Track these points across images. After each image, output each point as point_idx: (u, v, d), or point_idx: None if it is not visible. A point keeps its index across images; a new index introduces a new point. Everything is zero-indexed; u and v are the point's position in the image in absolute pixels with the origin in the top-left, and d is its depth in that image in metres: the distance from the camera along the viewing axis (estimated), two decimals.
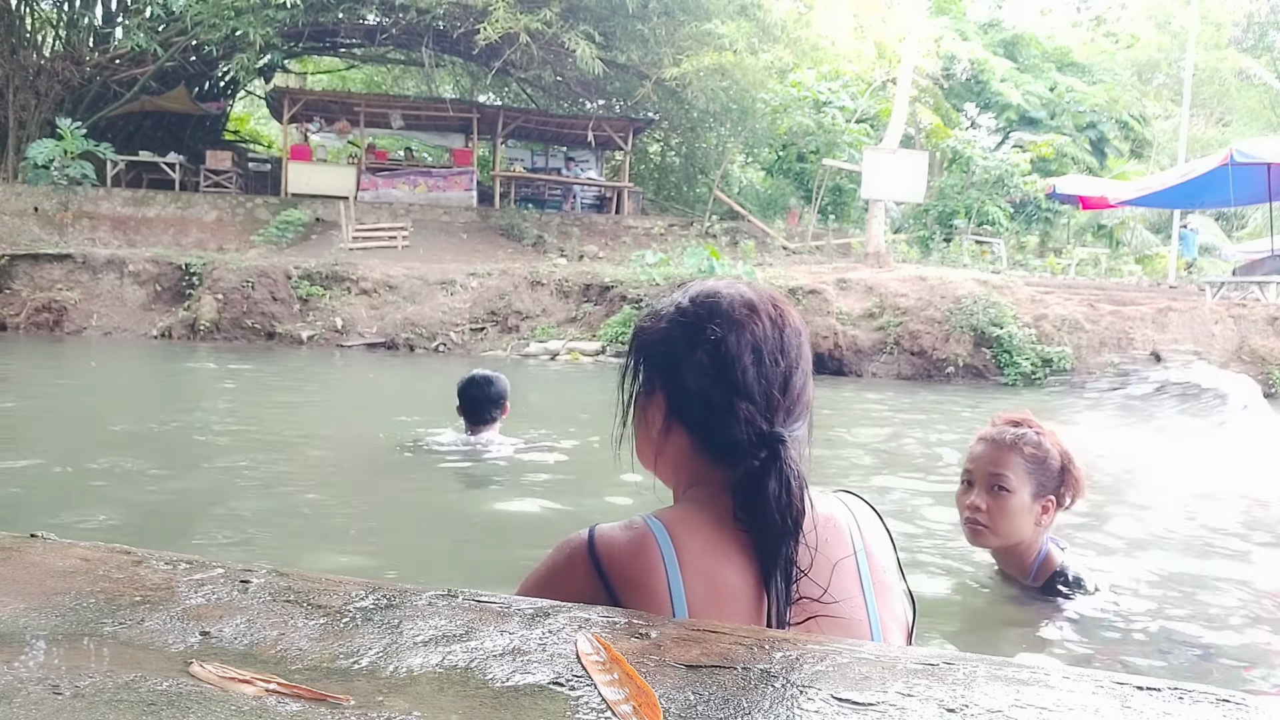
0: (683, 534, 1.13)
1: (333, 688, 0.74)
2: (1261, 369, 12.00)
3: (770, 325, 1.21)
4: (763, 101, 20.29)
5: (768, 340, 1.20)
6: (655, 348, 1.25)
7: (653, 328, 1.27)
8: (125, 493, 3.69)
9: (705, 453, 1.20)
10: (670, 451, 1.24)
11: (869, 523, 1.28)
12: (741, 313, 1.21)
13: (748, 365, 1.18)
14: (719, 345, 1.18)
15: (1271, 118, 28.12)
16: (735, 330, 1.19)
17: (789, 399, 1.20)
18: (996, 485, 2.29)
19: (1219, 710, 0.76)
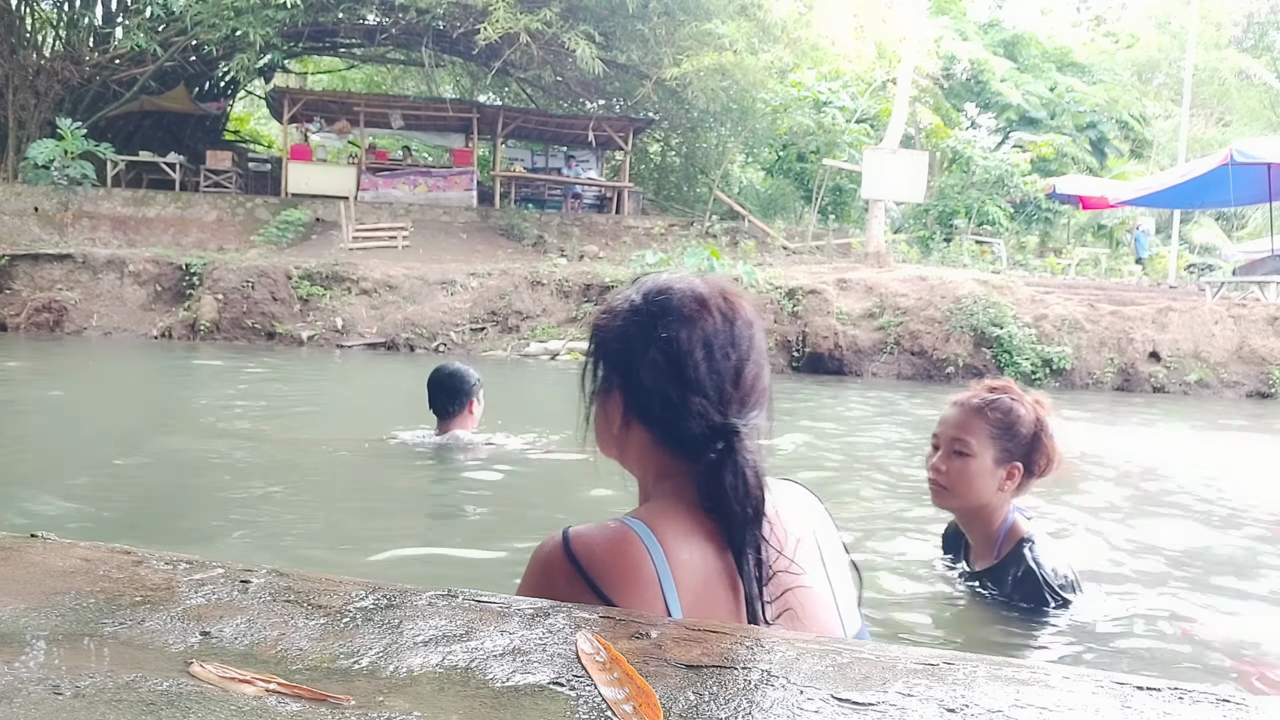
0: (663, 527, 1.15)
1: (333, 688, 0.74)
2: (1261, 369, 12.00)
3: (720, 319, 1.23)
4: (763, 101, 20.28)
5: (718, 334, 1.22)
6: (611, 346, 1.28)
7: (609, 325, 1.29)
8: (125, 492, 3.69)
9: (665, 446, 1.23)
10: (632, 446, 1.28)
11: (816, 506, 1.34)
12: (692, 308, 1.23)
13: (699, 360, 1.20)
14: (671, 342, 1.21)
15: (1271, 118, 28.12)
16: (686, 326, 1.21)
17: (741, 391, 1.23)
18: (957, 449, 2.31)
19: (1219, 710, 0.76)
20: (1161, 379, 12.07)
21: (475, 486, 3.85)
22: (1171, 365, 12.15)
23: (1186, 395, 11.79)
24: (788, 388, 10.67)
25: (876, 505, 4.09)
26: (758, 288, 13.25)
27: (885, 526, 3.61)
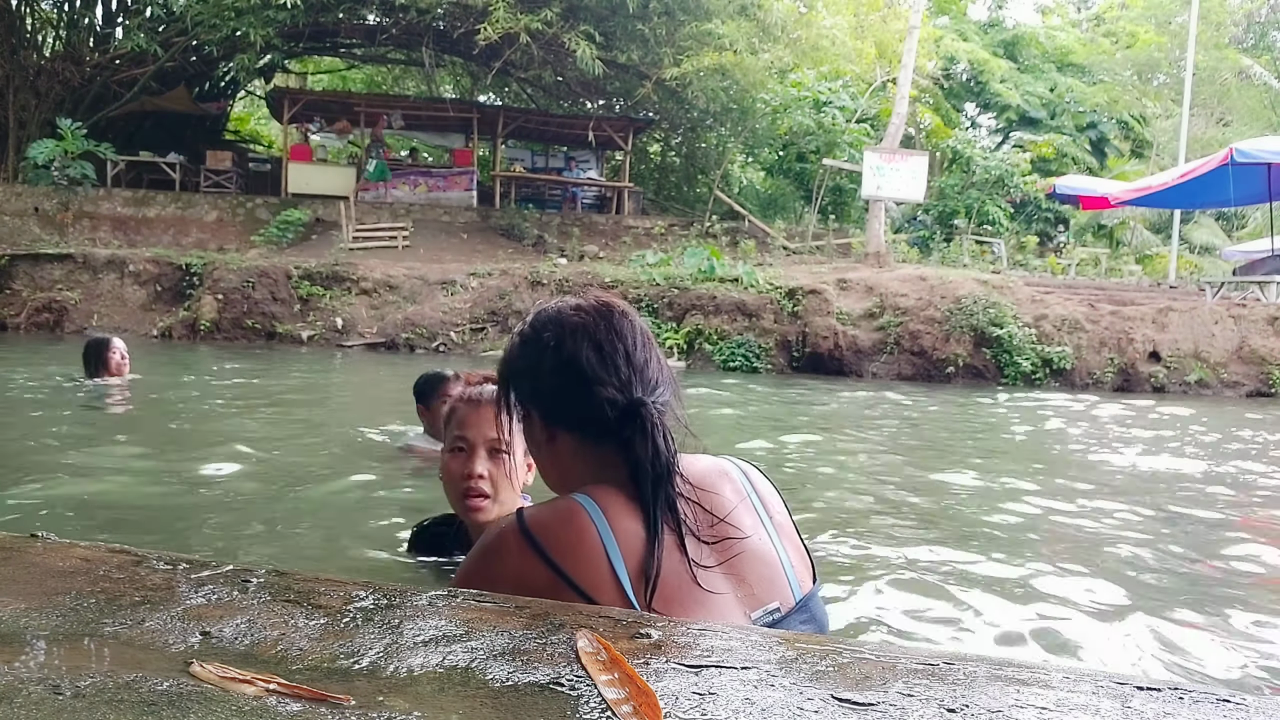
0: (604, 500, 1.26)
1: (333, 688, 0.74)
2: (1261, 369, 12.00)
3: (597, 317, 1.37)
4: (763, 101, 20.28)
5: (599, 329, 1.35)
6: (514, 374, 1.42)
7: (509, 361, 1.44)
8: (125, 493, 3.69)
9: (590, 441, 1.35)
10: (563, 454, 1.39)
11: (758, 478, 1.43)
12: (570, 316, 1.38)
13: (590, 354, 1.34)
14: (559, 348, 1.35)
15: (1271, 118, 28.10)
16: (570, 333, 1.36)
17: (636, 370, 1.35)
18: (494, 449, 2.05)
19: (1219, 710, 0.76)
20: (1162, 379, 12.07)
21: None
22: (1172, 365, 12.14)
23: (1187, 395, 11.78)
24: (788, 388, 10.67)
25: (871, 505, 4.09)
26: (758, 288, 13.25)
27: (882, 526, 3.61)
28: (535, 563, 1.21)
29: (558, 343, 1.35)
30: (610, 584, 1.20)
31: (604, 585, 1.19)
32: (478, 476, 2.03)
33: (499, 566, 1.23)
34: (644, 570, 1.21)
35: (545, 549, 1.21)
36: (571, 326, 1.36)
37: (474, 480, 2.03)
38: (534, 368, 1.38)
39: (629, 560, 1.21)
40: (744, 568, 1.28)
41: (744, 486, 1.38)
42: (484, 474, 2.03)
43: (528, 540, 1.22)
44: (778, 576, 1.31)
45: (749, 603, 1.26)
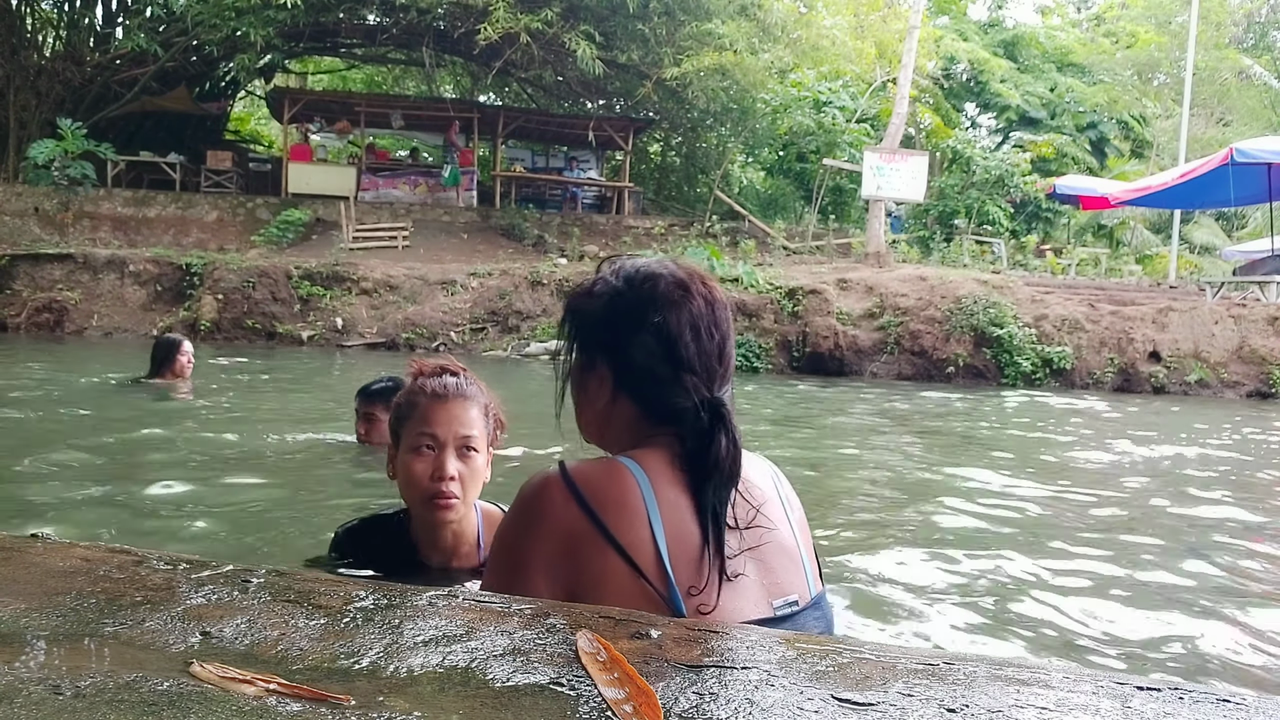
0: (651, 468, 1.24)
1: (333, 688, 0.74)
2: (1261, 369, 11.99)
3: (704, 303, 1.33)
4: (763, 101, 20.28)
5: (703, 317, 1.32)
6: (596, 328, 1.36)
7: (589, 308, 1.37)
8: (125, 492, 3.69)
9: (651, 418, 1.32)
10: (617, 419, 1.35)
11: (779, 475, 1.44)
12: (677, 294, 1.32)
13: (689, 341, 1.30)
14: (662, 326, 1.30)
15: (1271, 118, 28.10)
16: (674, 311, 1.31)
17: (724, 367, 1.34)
18: (465, 447, 1.93)
19: (1219, 710, 0.76)
20: (1162, 379, 12.07)
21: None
22: (1172, 365, 12.14)
23: (1187, 395, 11.78)
24: (787, 388, 10.67)
25: (872, 505, 4.09)
26: (758, 288, 13.25)
27: (881, 526, 3.61)
28: (577, 513, 1.19)
29: (662, 320, 1.30)
30: (650, 548, 1.18)
31: (643, 548, 1.18)
32: (449, 478, 1.90)
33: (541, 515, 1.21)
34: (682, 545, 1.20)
35: (588, 500, 1.19)
36: (678, 305, 1.31)
37: (447, 482, 1.90)
38: (626, 335, 1.31)
39: (669, 529, 1.20)
40: (769, 556, 1.28)
41: (775, 483, 1.39)
42: (455, 475, 1.90)
43: (570, 489, 1.20)
44: (798, 570, 1.32)
45: (772, 590, 1.27)
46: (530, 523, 1.22)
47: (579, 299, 1.40)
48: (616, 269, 1.39)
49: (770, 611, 1.25)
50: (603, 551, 1.17)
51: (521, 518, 1.24)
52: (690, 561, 1.20)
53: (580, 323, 1.38)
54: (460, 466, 1.92)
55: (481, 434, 1.97)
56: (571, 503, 1.19)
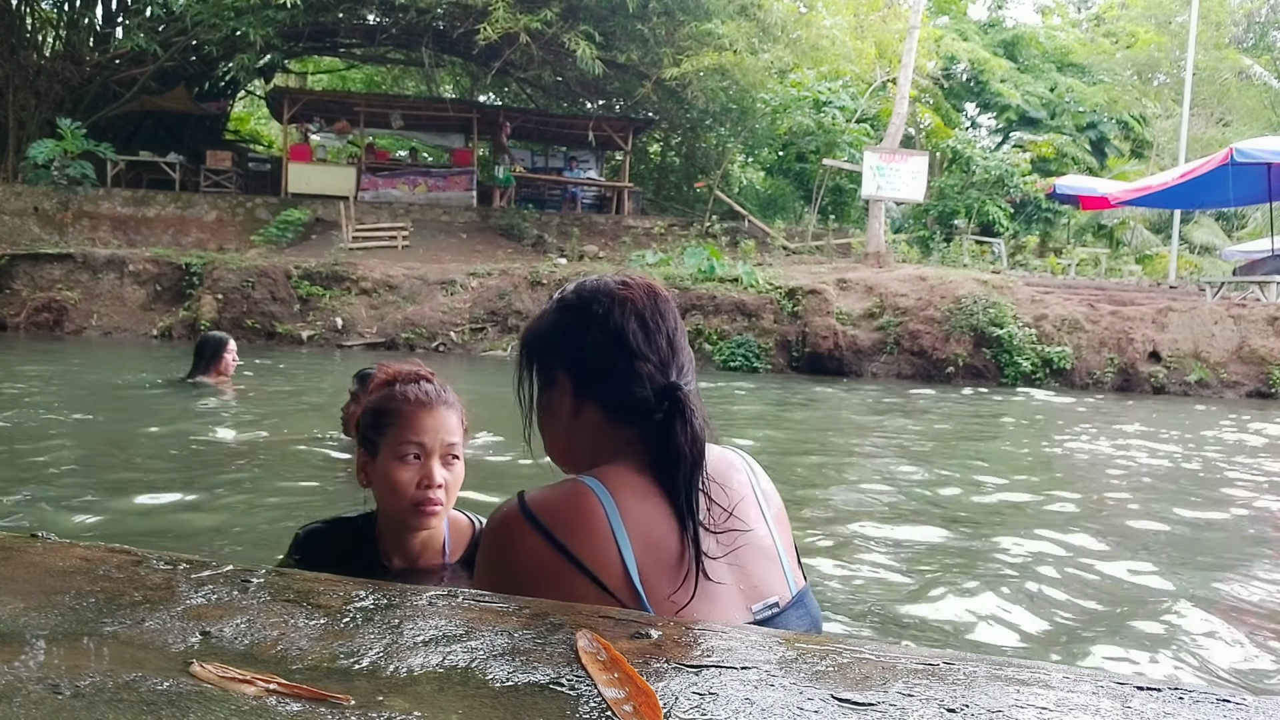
0: (614, 483, 1.24)
1: (333, 688, 0.74)
2: (1261, 369, 11.99)
3: (644, 295, 1.37)
4: (763, 101, 20.27)
5: (646, 308, 1.35)
6: (549, 340, 1.39)
7: (540, 327, 1.41)
8: (125, 492, 3.69)
9: (615, 418, 1.33)
10: (583, 429, 1.36)
11: (760, 471, 1.43)
12: (618, 290, 1.36)
13: (636, 329, 1.33)
14: (607, 318, 1.33)
15: (1271, 118, 28.11)
16: (618, 304, 1.34)
17: (676, 353, 1.36)
18: (449, 455, 1.94)
19: (1219, 710, 0.76)
20: (1161, 379, 12.07)
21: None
22: (1171, 365, 12.14)
23: (1187, 395, 11.78)
24: (788, 387, 10.67)
25: (872, 505, 4.09)
26: (757, 288, 13.25)
27: (881, 526, 3.61)
28: (539, 542, 1.19)
29: (606, 313, 1.34)
30: (617, 566, 1.18)
31: (611, 567, 1.18)
32: (438, 486, 1.90)
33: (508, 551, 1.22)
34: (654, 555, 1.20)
35: (549, 527, 1.20)
36: (620, 299, 1.35)
37: (435, 490, 1.90)
38: (577, 336, 1.35)
39: (636, 543, 1.20)
40: (747, 560, 1.28)
41: (749, 479, 1.39)
42: (443, 483, 1.91)
43: (530, 521, 1.21)
44: (777, 571, 1.31)
45: (750, 595, 1.26)
46: (498, 559, 1.23)
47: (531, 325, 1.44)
48: (563, 288, 1.44)
49: (750, 616, 1.24)
50: (571, 577, 1.17)
51: (490, 555, 1.26)
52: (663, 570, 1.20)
53: (533, 343, 1.42)
54: (445, 474, 1.93)
55: (461, 441, 1.98)
56: (533, 533, 1.20)
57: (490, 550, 1.26)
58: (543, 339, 1.40)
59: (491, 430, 4.76)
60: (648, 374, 1.32)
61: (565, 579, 1.17)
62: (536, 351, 1.41)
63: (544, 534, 1.19)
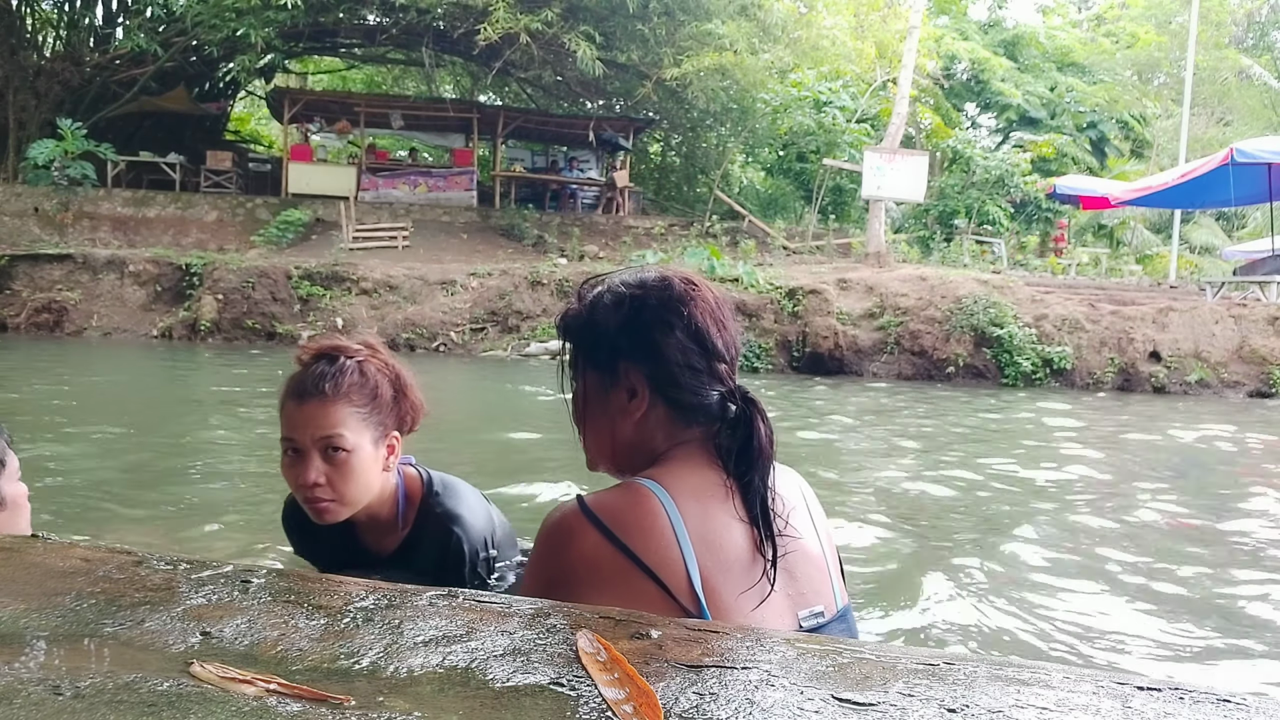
0: (673, 484, 1.23)
1: (333, 688, 0.74)
2: (1262, 369, 11.99)
3: (711, 296, 1.37)
4: (763, 101, 20.28)
5: (715, 309, 1.35)
6: (620, 339, 1.33)
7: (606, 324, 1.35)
8: (125, 492, 3.69)
9: (683, 418, 1.32)
10: (647, 428, 1.33)
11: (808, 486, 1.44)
12: (690, 290, 1.35)
13: (716, 332, 1.33)
14: (690, 319, 1.32)
15: (1272, 118, 28.11)
16: (694, 305, 1.33)
17: (737, 354, 1.37)
18: (330, 448, 1.80)
19: (1219, 710, 0.76)
20: (1162, 379, 12.07)
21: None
22: (1172, 365, 12.14)
23: (1187, 395, 11.78)
24: (787, 387, 10.67)
25: (872, 506, 4.09)
26: (758, 288, 13.25)
27: (881, 528, 3.61)
28: (601, 541, 1.18)
29: (689, 315, 1.32)
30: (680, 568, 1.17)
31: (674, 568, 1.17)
32: (314, 485, 1.79)
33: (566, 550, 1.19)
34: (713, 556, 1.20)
35: (611, 527, 1.18)
36: (697, 299, 1.34)
37: (311, 488, 1.79)
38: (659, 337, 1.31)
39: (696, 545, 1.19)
40: (795, 566, 1.27)
41: (800, 489, 1.39)
42: (321, 481, 1.79)
43: (591, 520, 1.19)
44: (825, 581, 1.31)
45: (798, 601, 1.26)
46: (555, 560, 1.21)
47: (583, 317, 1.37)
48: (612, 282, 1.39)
49: (796, 624, 1.24)
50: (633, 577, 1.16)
51: (546, 556, 1.22)
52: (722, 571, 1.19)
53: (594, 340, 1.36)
54: (327, 470, 1.80)
55: (356, 430, 1.82)
56: (594, 532, 1.18)
57: (546, 551, 1.23)
58: (612, 338, 1.34)
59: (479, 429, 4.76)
60: (723, 374, 1.32)
61: (627, 580, 1.16)
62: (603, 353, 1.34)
63: (606, 534, 1.18)
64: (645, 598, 1.15)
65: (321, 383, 1.81)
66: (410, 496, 1.97)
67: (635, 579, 1.16)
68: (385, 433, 1.87)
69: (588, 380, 1.36)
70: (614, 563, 1.17)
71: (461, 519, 1.95)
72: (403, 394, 1.91)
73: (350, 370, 1.84)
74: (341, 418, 1.80)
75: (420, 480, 2.00)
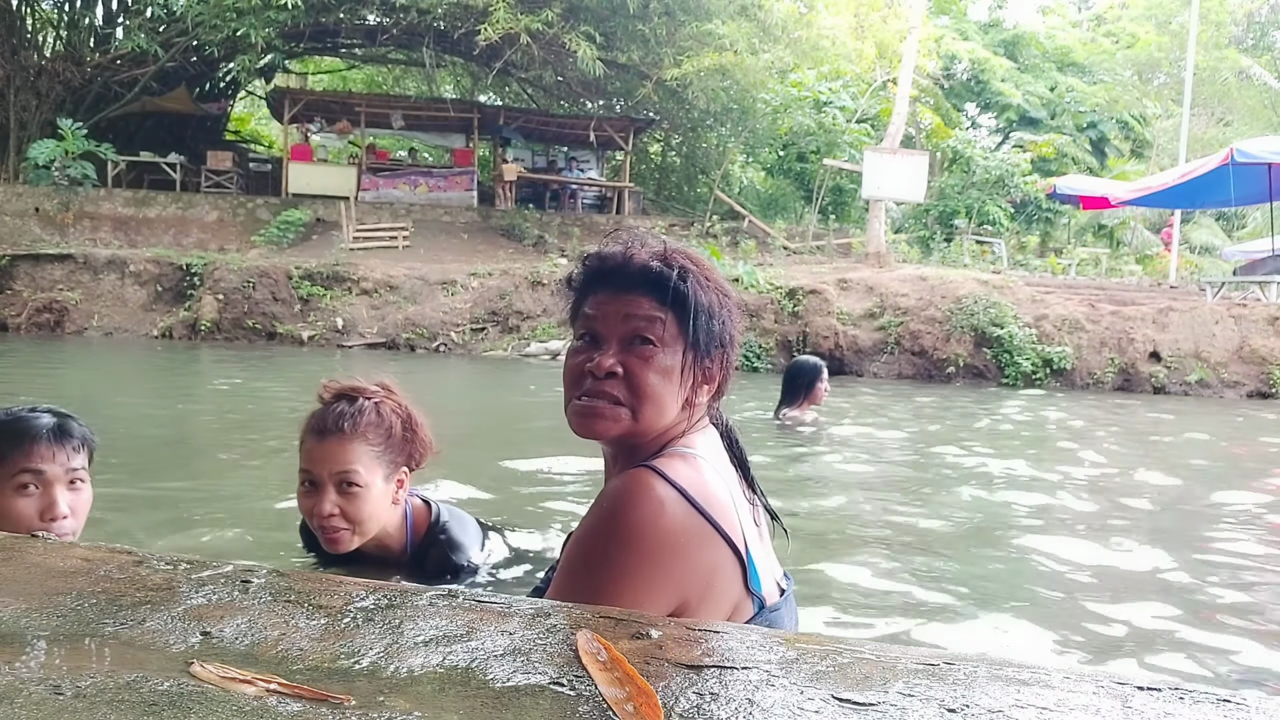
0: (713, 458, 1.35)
1: (334, 688, 0.75)
2: (1262, 369, 11.99)
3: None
4: (763, 101, 20.28)
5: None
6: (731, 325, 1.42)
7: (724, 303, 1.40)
8: (125, 492, 3.69)
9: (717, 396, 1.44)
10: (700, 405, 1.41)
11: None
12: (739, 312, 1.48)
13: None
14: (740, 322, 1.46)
15: (1272, 118, 28.11)
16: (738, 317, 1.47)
17: None
18: (345, 483, 1.97)
19: (1219, 710, 0.76)
20: (1162, 379, 12.06)
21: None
22: (1172, 365, 12.14)
23: (1187, 395, 11.78)
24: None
25: (872, 507, 4.09)
26: (758, 288, 13.25)
27: (881, 527, 3.61)
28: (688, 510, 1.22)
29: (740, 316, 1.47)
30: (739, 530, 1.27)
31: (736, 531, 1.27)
32: (328, 516, 1.96)
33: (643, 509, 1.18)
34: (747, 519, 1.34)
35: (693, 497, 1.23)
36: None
37: (325, 519, 1.96)
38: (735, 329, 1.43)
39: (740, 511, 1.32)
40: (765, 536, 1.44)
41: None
42: (335, 512, 1.96)
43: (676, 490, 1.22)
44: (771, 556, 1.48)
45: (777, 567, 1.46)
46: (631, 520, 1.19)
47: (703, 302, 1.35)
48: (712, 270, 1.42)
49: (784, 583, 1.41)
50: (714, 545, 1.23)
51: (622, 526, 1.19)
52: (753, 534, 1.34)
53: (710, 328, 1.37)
54: (341, 502, 1.96)
55: (369, 466, 1.98)
56: (680, 502, 1.21)
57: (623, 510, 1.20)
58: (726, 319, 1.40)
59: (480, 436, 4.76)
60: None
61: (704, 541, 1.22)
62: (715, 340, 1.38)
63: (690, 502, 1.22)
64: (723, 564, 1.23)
65: (341, 421, 1.97)
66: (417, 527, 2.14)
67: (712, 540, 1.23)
68: (396, 469, 2.05)
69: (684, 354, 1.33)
70: (694, 523, 1.21)
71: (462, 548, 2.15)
72: (414, 433, 2.08)
73: (367, 410, 2.01)
74: (357, 454, 1.97)
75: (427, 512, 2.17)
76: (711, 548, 1.21)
